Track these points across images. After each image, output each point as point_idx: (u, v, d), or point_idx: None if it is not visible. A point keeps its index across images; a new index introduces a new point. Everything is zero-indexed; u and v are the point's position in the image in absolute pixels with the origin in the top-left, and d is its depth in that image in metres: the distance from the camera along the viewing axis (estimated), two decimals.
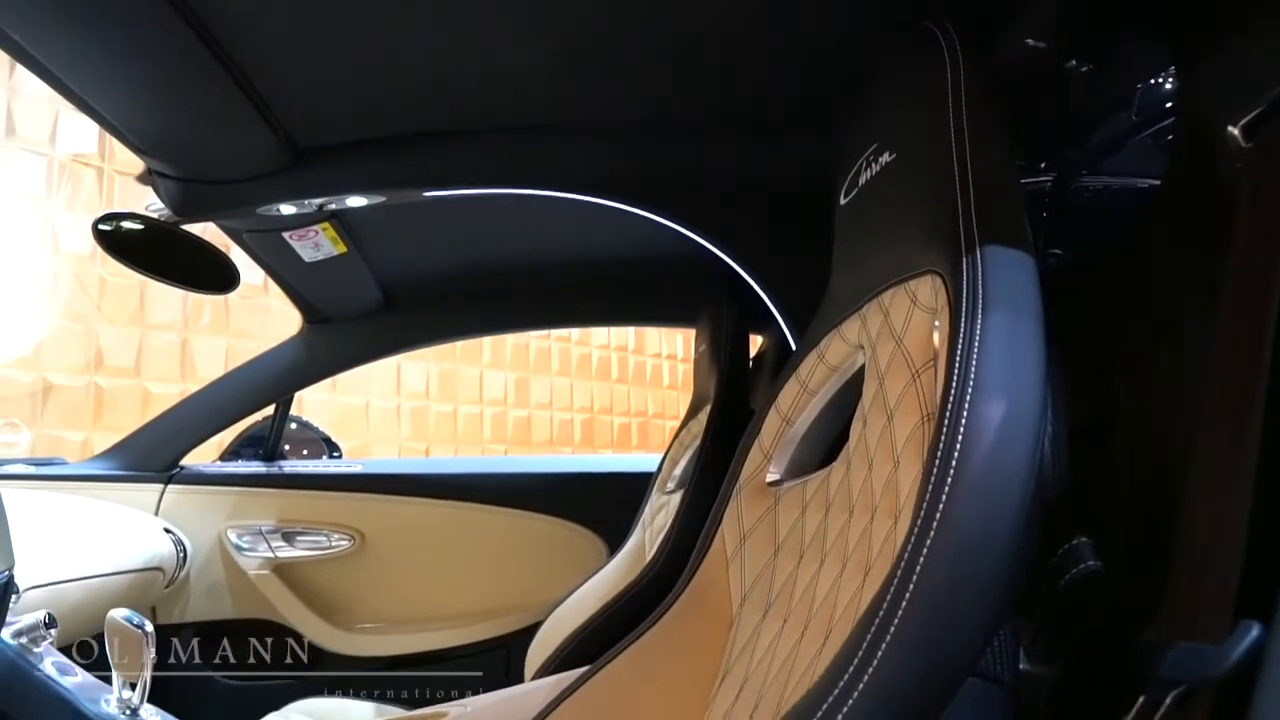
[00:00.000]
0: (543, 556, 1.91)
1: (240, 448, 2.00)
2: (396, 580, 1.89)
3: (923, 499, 0.44)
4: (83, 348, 3.12)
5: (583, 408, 5.38)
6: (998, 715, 0.48)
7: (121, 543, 1.56)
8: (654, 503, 1.62)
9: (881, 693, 0.41)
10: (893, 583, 0.42)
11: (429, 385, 4.47)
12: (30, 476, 1.75)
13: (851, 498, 0.69)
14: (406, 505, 1.89)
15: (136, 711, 1.02)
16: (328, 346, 1.82)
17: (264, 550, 1.82)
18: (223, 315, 3.52)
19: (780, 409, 0.85)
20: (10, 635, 1.00)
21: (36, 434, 2.88)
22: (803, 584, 0.72)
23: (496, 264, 1.69)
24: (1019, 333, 0.49)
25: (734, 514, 0.84)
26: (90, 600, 1.33)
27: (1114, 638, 0.51)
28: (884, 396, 0.66)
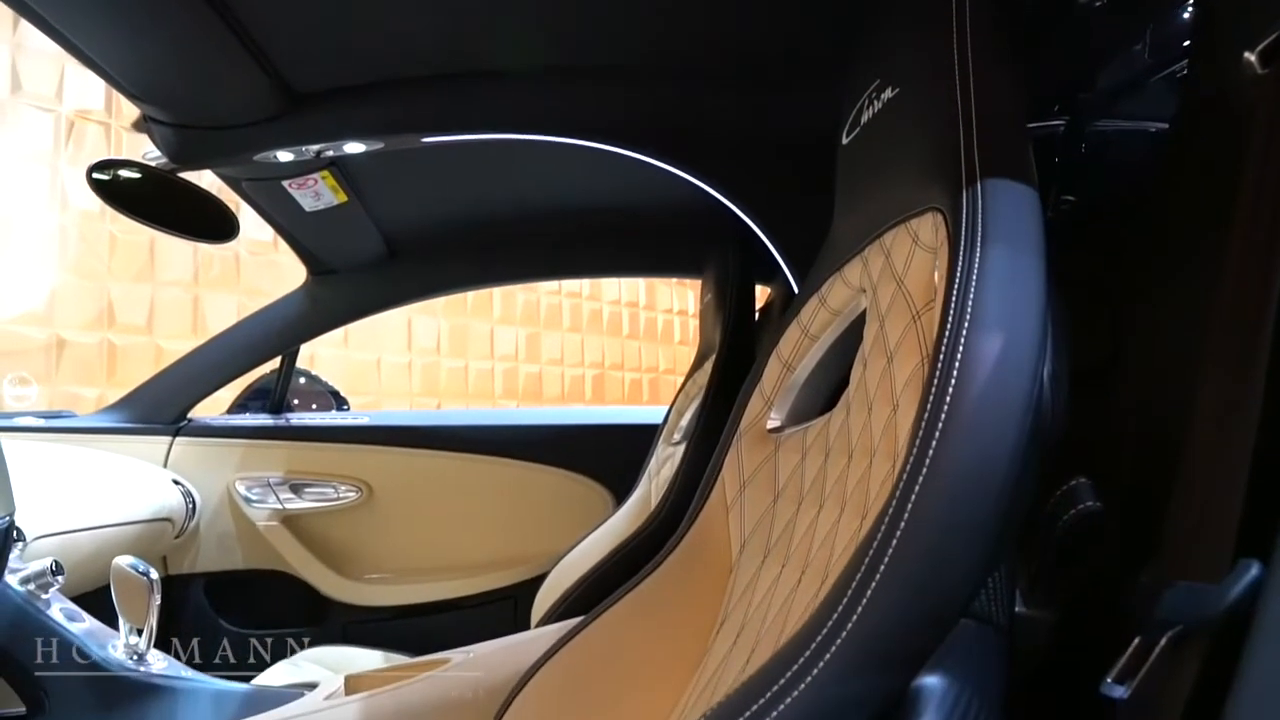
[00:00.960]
0: (549, 508, 1.91)
1: (248, 401, 2.01)
2: (404, 531, 1.90)
3: (915, 437, 0.43)
4: (94, 304, 3.13)
5: (594, 363, 5.38)
6: (991, 657, 0.47)
7: (130, 494, 1.57)
8: (660, 454, 1.62)
9: (870, 633, 0.40)
10: (883, 522, 0.42)
11: (440, 341, 4.47)
12: (39, 429, 1.77)
13: (851, 442, 0.68)
14: (413, 457, 1.90)
15: (144, 656, 1.03)
16: (332, 298, 1.82)
17: (272, 502, 1.83)
18: (233, 271, 3.52)
19: (781, 355, 0.84)
20: (18, 582, 1.02)
21: (51, 390, 2.90)
22: (801, 529, 0.71)
23: (501, 214, 1.67)
24: (1019, 267, 0.47)
25: (734, 461, 0.83)
26: (100, 550, 1.35)
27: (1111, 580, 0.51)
28: (884, 339, 0.64)
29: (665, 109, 1.21)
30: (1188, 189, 0.65)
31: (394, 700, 0.96)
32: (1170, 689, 0.40)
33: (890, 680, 0.41)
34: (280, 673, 1.49)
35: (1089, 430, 0.58)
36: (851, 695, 0.40)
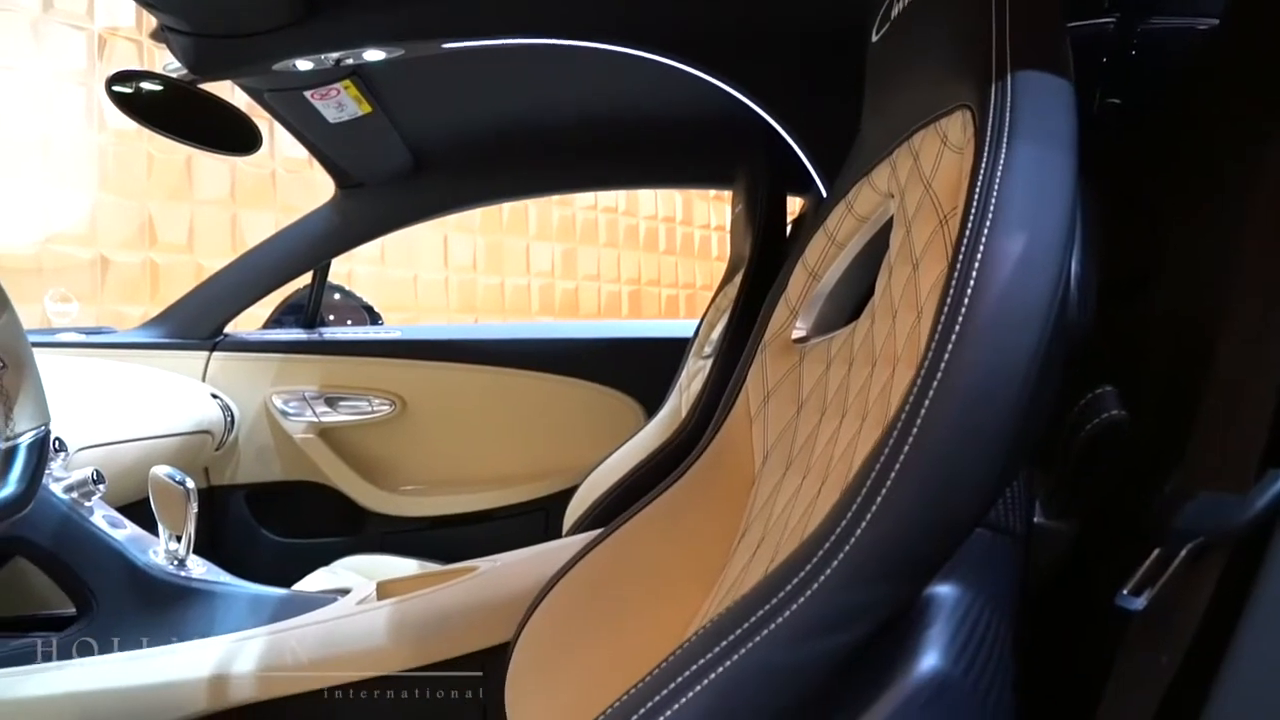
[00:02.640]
0: (581, 421, 1.93)
1: (282, 316, 2.03)
2: (437, 444, 1.93)
3: (931, 340, 0.41)
4: (135, 223, 3.16)
5: (630, 279, 5.36)
6: (1007, 568, 0.46)
7: (170, 407, 1.61)
8: (690, 367, 1.62)
9: (878, 541, 0.39)
10: (895, 428, 0.40)
11: (476, 257, 4.47)
12: (81, 344, 1.80)
13: (874, 352, 0.66)
14: (446, 371, 1.91)
15: (184, 562, 1.06)
16: (360, 212, 1.81)
17: (308, 415, 1.86)
18: (269, 189, 3.53)
19: (807, 263, 0.82)
20: (62, 490, 1.04)
21: (98, 309, 2.95)
22: (823, 440, 0.70)
23: (527, 124, 1.65)
24: (1047, 165, 0.45)
25: (758, 372, 0.82)
26: (142, 461, 1.38)
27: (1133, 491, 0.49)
28: (910, 244, 0.62)
29: (691, 10, 1.17)
30: (1234, 94, 0.61)
31: (423, 605, 0.98)
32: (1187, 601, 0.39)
33: (899, 589, 0.40)
34: (318, 579, 1.54)
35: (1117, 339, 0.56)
36: (859, 602, 0.39)
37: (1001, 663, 0.42)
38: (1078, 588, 0.50)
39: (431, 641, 0.95)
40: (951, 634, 0.40)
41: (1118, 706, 0.44)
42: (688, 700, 0.39)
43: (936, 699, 0.39)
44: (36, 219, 2.87)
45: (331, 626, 0.98)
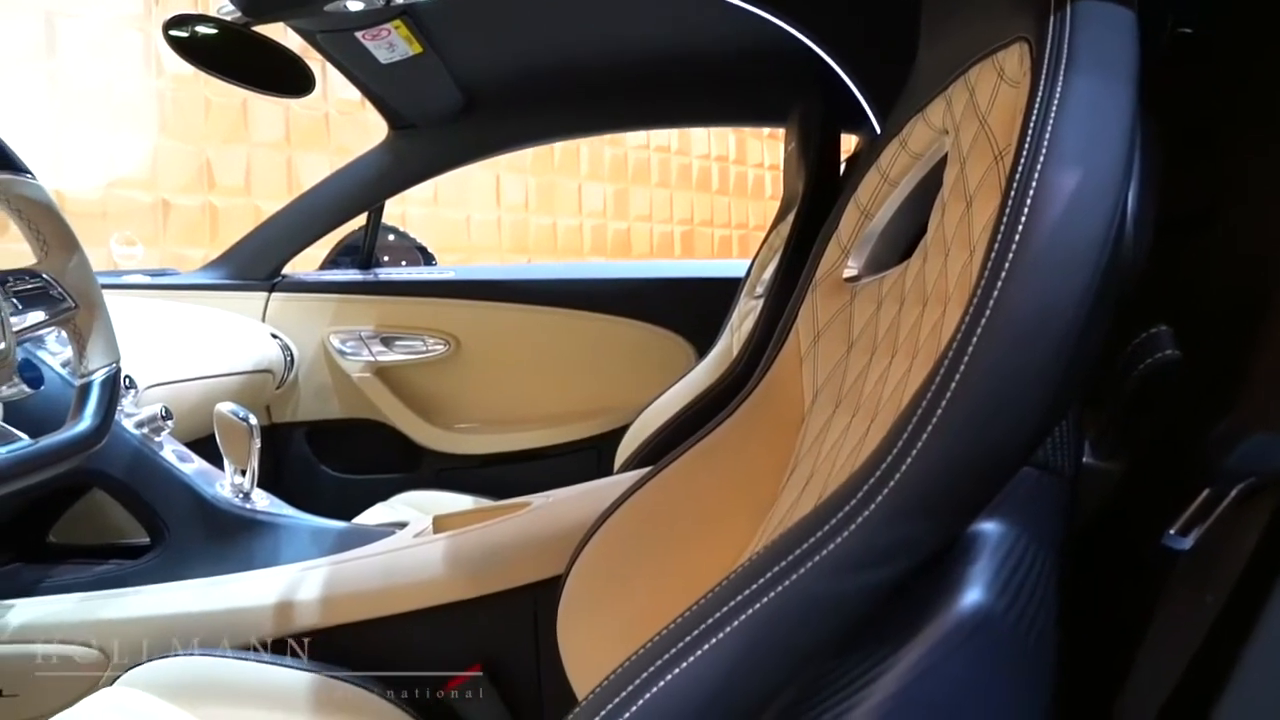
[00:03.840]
0: (633, 361, 1.94)
1: (338, 257, 2.06)
2: (491, 383, 1.96)
3: (981, 277, 0.41)
4: (193, 167, 3.21)
5: (683, 220, 5.33)
6: (1053, 507, 0.46)
7: (233, 346, 1.65)
8: (742, 307, 1.61)
9: (922, 478, 0.39)
10: (943, 365, 0.40)
11: (528, 197, 4.47)
12: (146, 285, 1.85)
13: (925, 290, 0.66)
14: (499, 311, 1.93)
15: (248, 495, 1.10)
16: (413, 153, 1.82)
17: (365, 355, 1.90)
18: (323, 131, 3.56)
19: (859, 201, 0.81)
20: (133, 425, 1.08)
21: (161, 251, 3.02)
22: (873, 379, 0.70)
23: (579, 63, 1.63)
24: (1107, 96, 0.43)
25: (809, 311, 0.82)
26: (207, 399, 1.42)
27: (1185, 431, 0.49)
28: (964, 182, 0.61)
29: None
30: None
31: (477, 539, 1.00)
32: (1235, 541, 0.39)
33: (943, 525, 0.40)
34: (376, 514, 1.58)
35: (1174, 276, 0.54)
36: (903, 537, 0.40)
37: (1045, 600, 0.42)
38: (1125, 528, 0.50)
39: (486, 574, 0.98)
40: (995, 570, 0.41)
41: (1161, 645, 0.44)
42: (732, 629, 0.40)
43: (977, 633, 0.39)
44: (100, 164, 2.93)
45: (390, 558, 1.01)
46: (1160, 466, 0.49)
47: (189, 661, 0.91)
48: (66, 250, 0.87)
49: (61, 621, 0.98)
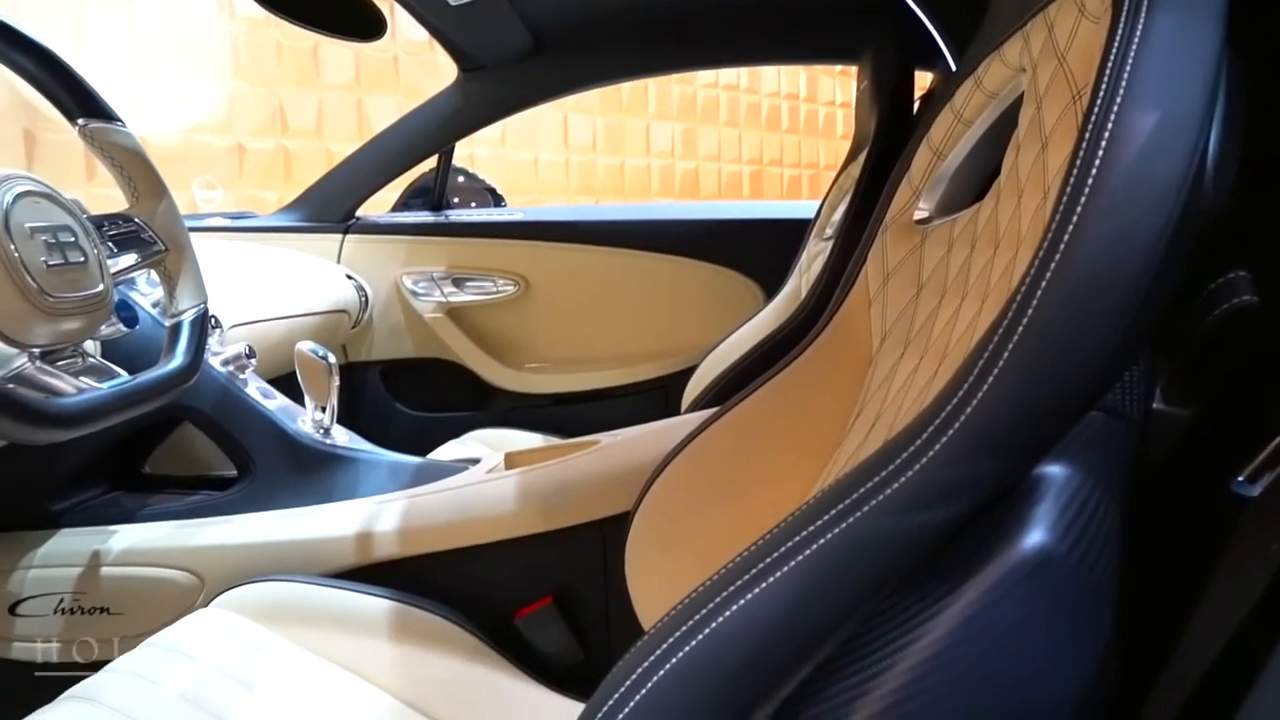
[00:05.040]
0: (701, 302, 1.94)
1: (410, 199, 2.09)
2: (560, 323, 1.98)
3: (1053, 219, 0.40)
4: (267, 110, 3.26)
5: (751, 159, 5.26)
6: (1120, 451, 0.46)
7: (310, 287, 1.69)
8: (811, 249, 1.60)
9: (988, 418, 0.40)
10: (1012, 307, 0.40)
11: (596, 138, 4.45)
12: (227, 228, 1.90)
13: (998, 233, 0.65)
14: (567, 251, 1.95)
15: (328, 431, 1.14)
16: (483, 94, 1.83)
17: (436, 295, 1.93)
18: (392, 73, 3.58)
19: (932, 142, 0.80)
20: (220, 363, 1.13)
21: (237, 194, 3.10)
22: (942, 322, 0.70)
23: (647, 1, 1.61)
24: (1189, 35, 0.42)
25: (879, 253, 0.81)
26: (287, 338, 1.47)
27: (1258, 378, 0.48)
28: (1040, 122, 0.60)
29: None
30: None
31: (548, 475, 1.03)
32: None
33: (1007, 466, 0.41)
34: (448, 450, 1.63)
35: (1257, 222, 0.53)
36: (967, 478, 0.40)
37: (1108, 544, 0.42)
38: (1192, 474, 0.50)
39: (556, 509, 1.00)
40: (1058, 512, 0.41)
41: (1224, 592, 0.44)
42: (796, 564, 0.41)
43: (1038, 573, 0.40)
44: (178, 109, 3.00)
45: (464, 493, 1.04)
46: (1231, 413, 0.49)
47: (276, 586, 0.96)
48: (156, 195, 0.91)
49: (159, 547, 1.04)
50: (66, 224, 0.76)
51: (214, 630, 0.90)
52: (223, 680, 0.83)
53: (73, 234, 0.77)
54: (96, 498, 1.12)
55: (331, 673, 0.89)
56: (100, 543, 1.05)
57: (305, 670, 0.88)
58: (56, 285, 0.73)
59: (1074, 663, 0.41)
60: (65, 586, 1.04)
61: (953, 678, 0.39)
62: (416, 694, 0.90)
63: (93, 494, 1.12)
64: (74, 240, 0.76)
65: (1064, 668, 0.41)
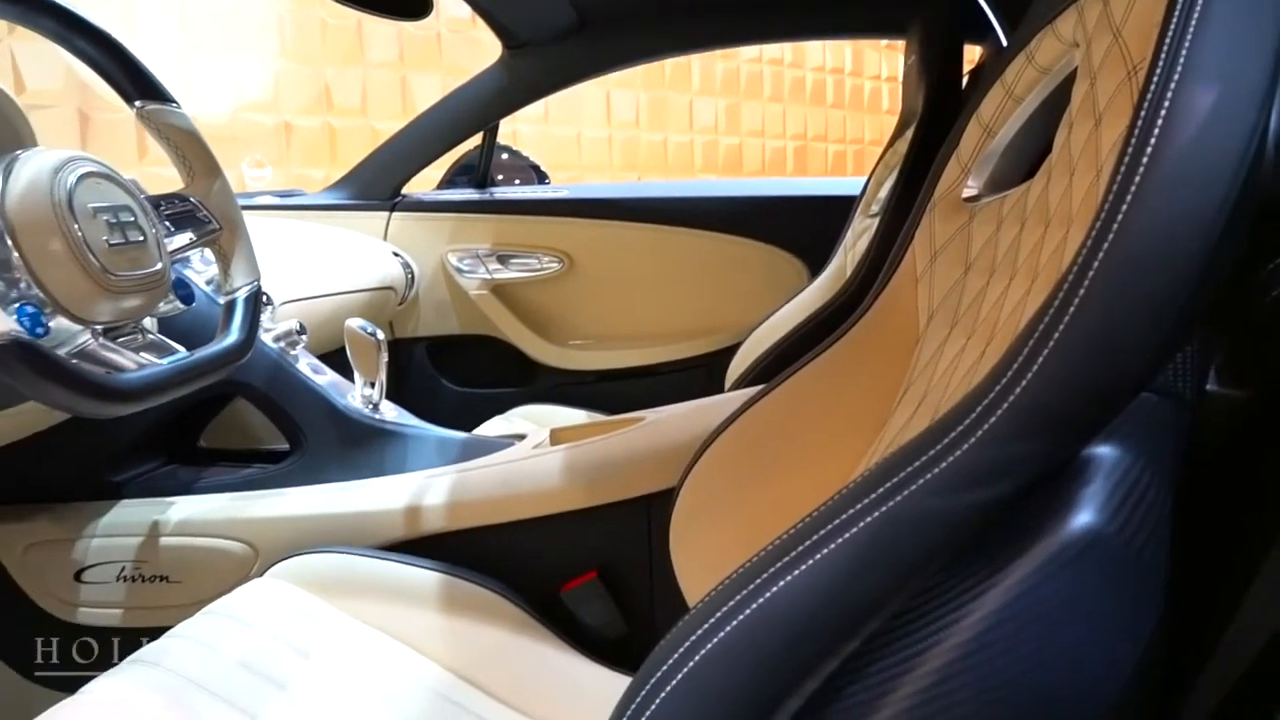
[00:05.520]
0: (745, 279, 1.93)
1: (454, 177, 2.10)
2: (604, 300, 1.99)
3: (1106, 197, 0.40)
4: (313, 89, 3.30)
5: (796, 134, 5.21)
6: (1172, 433, 0.46)
7: (358, 264, 1.72)
8: (856, 226, 1.59)
9: (1037, 398, 0.39)
10: (1063, 286, 0.40)
11: (639, 113, 4.44)
12: (276, 206, 1.93)
13: (1048, 212, 0.64)
14: (611, 229, 1.95)
15: (377, 406, 1.15)
16: (527, 72, 1.83)
17: (481, 272, 1.95)
18: (435, 50, 3.59)
19: (982, 118, 0.79)
20: (272, 340, 1.15)
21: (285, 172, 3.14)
22: (990, 301, 0.69)
23: None
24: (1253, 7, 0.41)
25: (926, 231, 0.81)
26: (335, 314, 1.49)
27: None
28: (1094, 98, 0.59)
29: None
30: None
31: (593, 451, 1.04)
32: None
33: (1056, 447, 0.41)
34: (494, 426, 1.65)
35: None
36: (1015, 457, 0.40)
37: (1157, 526, 0.42)
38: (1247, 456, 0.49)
39: (601, 484, 1.01)
40: (1108, 493, 0.41)
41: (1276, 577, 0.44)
42: (842, 542, 0.42)
43: (1086, 553, 0.40)
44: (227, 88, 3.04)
45: (511, 468, 1.06)
46: None
47: (328, 558, 0.99)
48: (210, 175, 0.92)
49: (215, 518, 1.07)
50: (126, 204, 0.78)
51: (269, 599, 0.93)
52: (279, 648, 0.86)
53: (132, 214, 0.78)
54: (154, 470, 1.16)
55: (382, 642, 0.91)
56: (159, 513, 1.08)
57: (357, 639, 0.91)
58: (118, 264, 0.74)
59: (1119, 644, 0.41)
60: (126, 555, 1.07)
61: (996, 656, 0.40)
62: (465, 664, 0.91)
63: (151, 466, 1.16)
64: (133, 220, 0.78)
65: (1109, 649, 0.41)
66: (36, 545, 1.08)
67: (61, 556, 1.08)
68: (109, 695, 0.76)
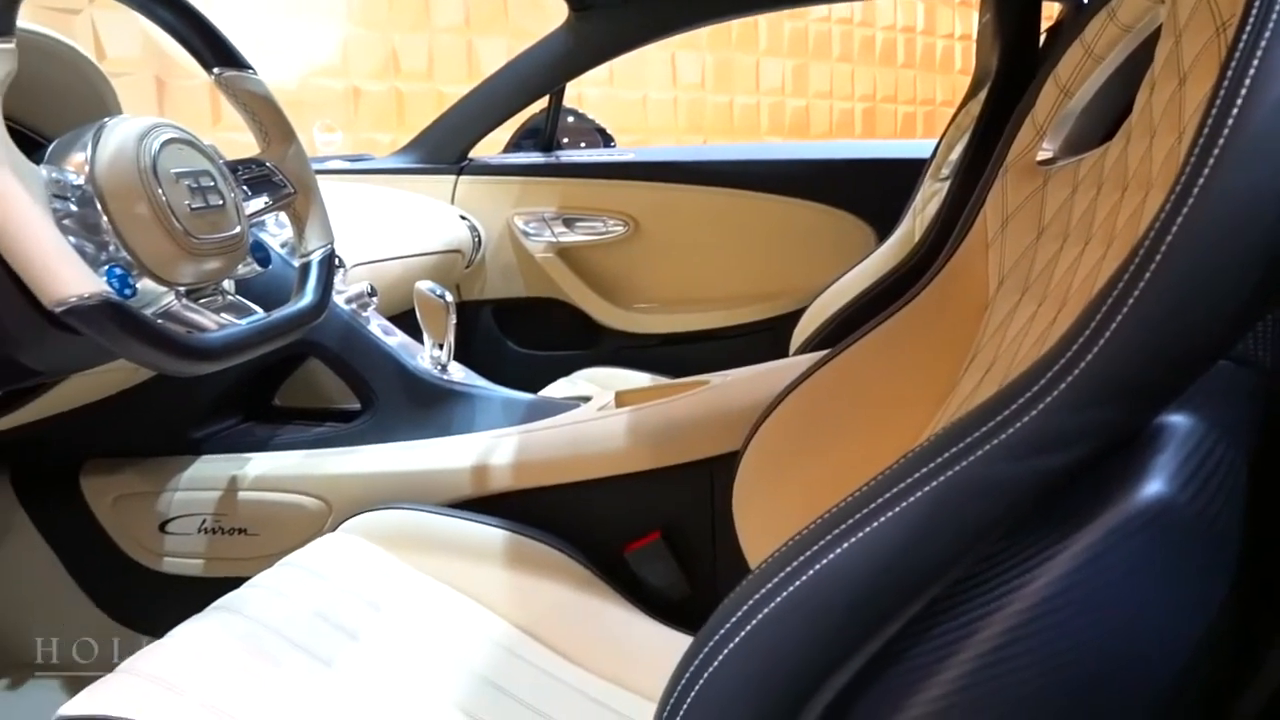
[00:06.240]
0: (811, 243, 1.92)
1: (521, 140, 2.11)
2: (668, 264, 1.99)
3: (1188, 160, 0.39)
4: (380, 54, 3.33)
5: (864, 96, 5.11)
6: (1248, 402, 0.44)
7: (426, 227, 1.74)
8: (926, 190, 1.56)
9: (1109, 365, 0.39)
10: (1140, 250, 0.39)
11: (705, 75, 4.40)
12: (346, 170, 1.96)
13: (1127, 175, 0.63)
14: (676, 192, 1.94)
15: (445, 367, 1.18)
16: (593, 34, 1.82)
17: (547, 235, 1.96)
18: (501, 13, 3.59)
19: (1059, 78, 0.77)
20: (344, 302, 1.18)
21: (353, 137, 3.18)
22: (1062, 267, 0.68)
23: None
24: None
25: (998, 195, 0.79)
26: (404, 277, 1.52)
27: None
28: (1179, 57, 0.58)
29: None
30: None
31: (658, 413, 1.05)
32: None
33: (1127, 414, 0.40)
34: (559, 388, 1.67)
35: None
36: (1085, 425, 0.40)
37: (1230, 497, 0.41)
38: None
39: (666, 447, 1.02)
40: (1180, 462, 0.40)
41: None
42: (906, 506, 0.42)
43: (1156, 522, 0.39)
44: (296, 53, 3.09)
45: (576, 429, 1.07)
46: None
47: (398, 514, 1.01)
48: (285, 140, 0.94)
49: (291, 474, 1.10)
50: (206, 169, 0.81)
51: (342, 553, 0.96)
52: (351, 599, 0.89)
53: (212, 178, 0.81)
54: (232, 427, 1.20)
55: (449, 596, 0.94)
56: (237, 469, 1.12)
57: (426, 593, 0.93)
58: (199, 227, 0.77)
59: (1187, 614, 0.41)
60: (207, 508, 1.11)
61: (1060, 622, 0.40)
62: (529, 620, 0.94)
63: (229, 424, 1.20)
64: (213, 184, 0.81)
65: (1176, 618, 0.40)
66: (124, 497, 1.13)
67: (147, 508, 1.12)
68: (194, 639, 0.79)
